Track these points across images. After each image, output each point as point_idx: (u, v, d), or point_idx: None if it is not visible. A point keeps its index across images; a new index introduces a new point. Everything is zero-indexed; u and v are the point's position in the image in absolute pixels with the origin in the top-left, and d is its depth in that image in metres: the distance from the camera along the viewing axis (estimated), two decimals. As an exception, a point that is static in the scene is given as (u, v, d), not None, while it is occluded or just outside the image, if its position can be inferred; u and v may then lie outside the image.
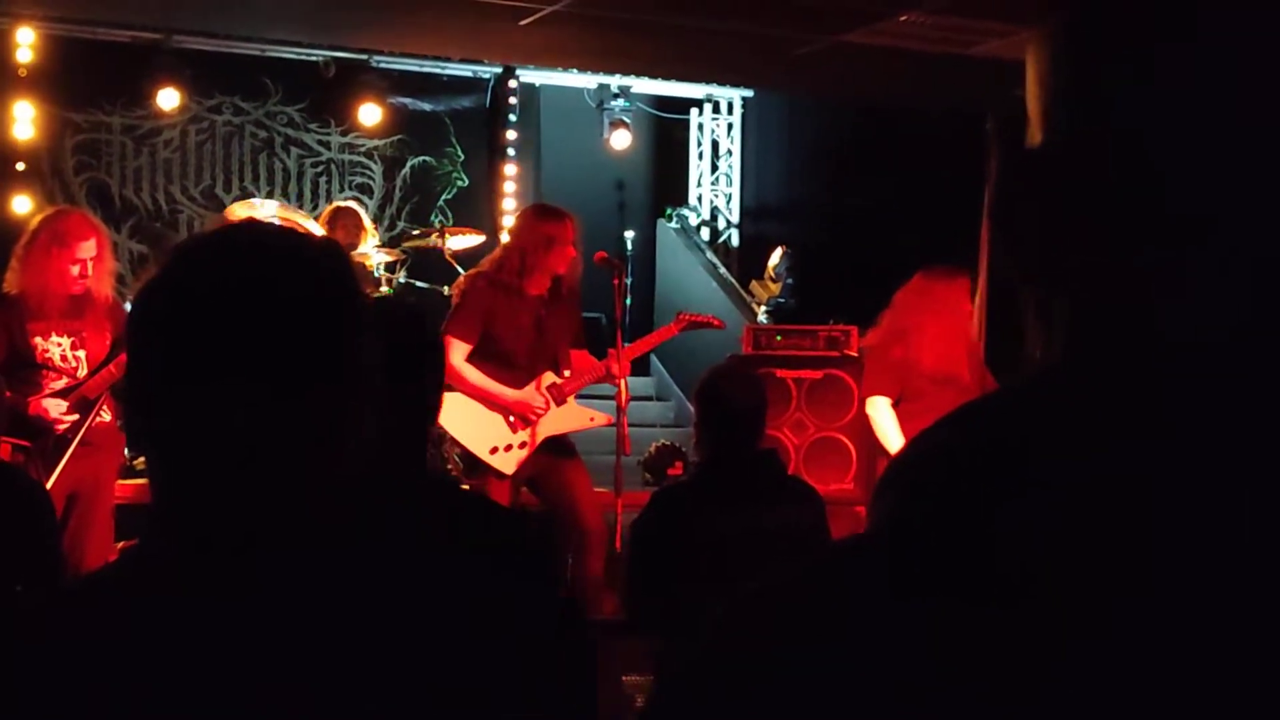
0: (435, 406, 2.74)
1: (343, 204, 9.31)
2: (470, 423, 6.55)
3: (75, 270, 6.10)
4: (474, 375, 6.54)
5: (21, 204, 9.65)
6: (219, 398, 1.33)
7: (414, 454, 2.65)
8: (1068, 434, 0.74)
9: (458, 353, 6.44)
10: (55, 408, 6.05)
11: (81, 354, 6.18)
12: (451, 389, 6.73)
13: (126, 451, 7.32)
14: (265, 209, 8.39)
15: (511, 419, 6.65)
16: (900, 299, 6.74)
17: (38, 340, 6.11)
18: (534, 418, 6.65)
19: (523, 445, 6.65)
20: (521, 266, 6.53)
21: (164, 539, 1.36)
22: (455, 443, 6.77)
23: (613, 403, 6.92)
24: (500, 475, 6.58)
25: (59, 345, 6.14)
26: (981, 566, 0.72)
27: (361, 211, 9.05)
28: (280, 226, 1.48)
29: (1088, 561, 0.70)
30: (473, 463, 6.62)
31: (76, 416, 6.08)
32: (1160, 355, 0.75)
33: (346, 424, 1.39)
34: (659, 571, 4.32)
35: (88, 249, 6.12)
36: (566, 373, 6.77)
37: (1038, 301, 0.82)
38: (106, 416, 6.19)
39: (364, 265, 8.37)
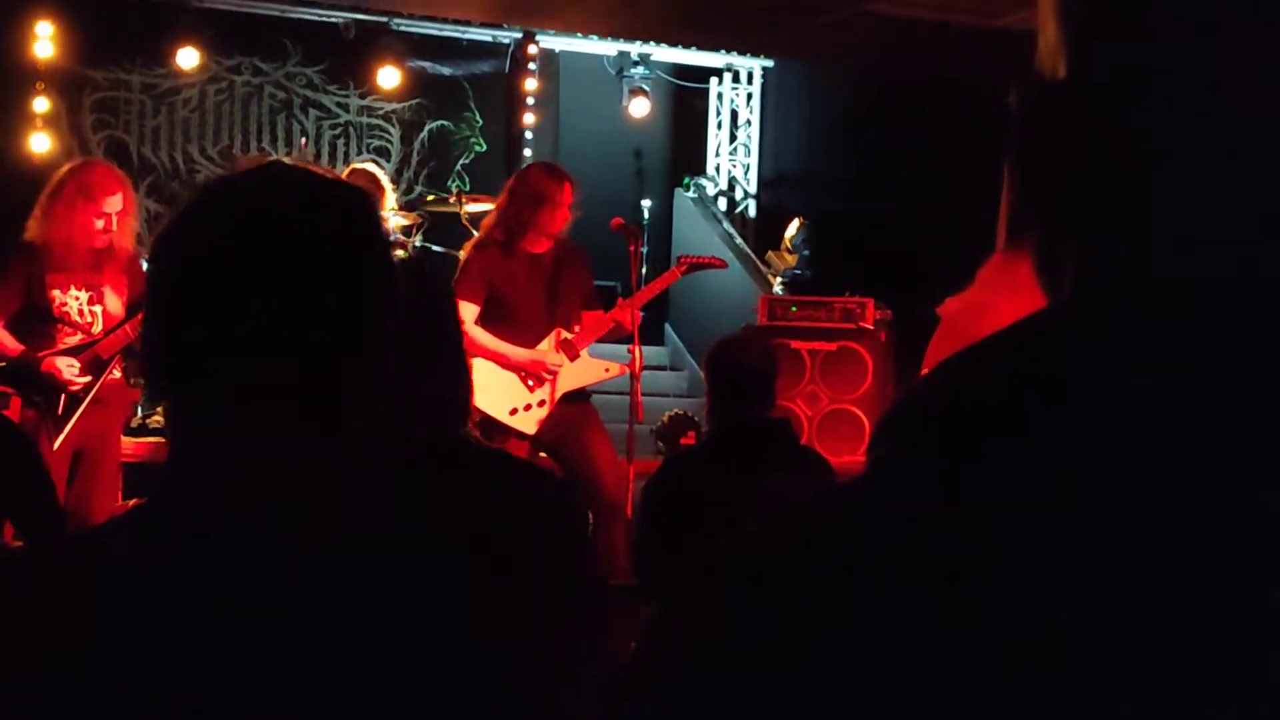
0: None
1: (359, 165, 9.28)
2: (486, 386, 6.52)
3: (100, 224, 6.07)
4: (484, 338, 6.52)
5: (39, 161, 9.64)
6: (242, 342, 1.31)
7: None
8: (1073, 375, 0.73)
9: (466, 315, 6.44)
10: (68, 367, 6.02)
11: (98, 309, 6.16)
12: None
13: (139, 409, 7.34)
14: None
15: (528, 379, 6.63)
16: (981, 274, 6.64)
17: (55, 293, 6.09)
18: (548, 375, 6.63)
19: (541, 404, 6.63)
20: (513, 224, 6.49)
21: (179, 489, 1.34)
22: (474, 407, 6.74)
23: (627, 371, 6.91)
24: (522, 436, 6.56)
25: (77, 299, 6.13)
26: (980, 501, 0.71)
27: (379, 173, 9.01)
28: (302, 167, 1.46)
29: (1103, 496, 0.69)
30: (491, 426, 6.58)
31: (89, 378, 6.06)
32: (1167, 298, 0.74)
33: (372, 370, 1.38)
34: (668, 536, 4.32)
35: (114, 203, 6.10)
36: (577, 328, 6.74)
37: (1046, 246, 0.81)
38: (116, 374, 6.18)
39: (380, 227, 8.35)
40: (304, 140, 10.74)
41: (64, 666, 1.22)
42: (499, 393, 6.56)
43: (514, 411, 6.60)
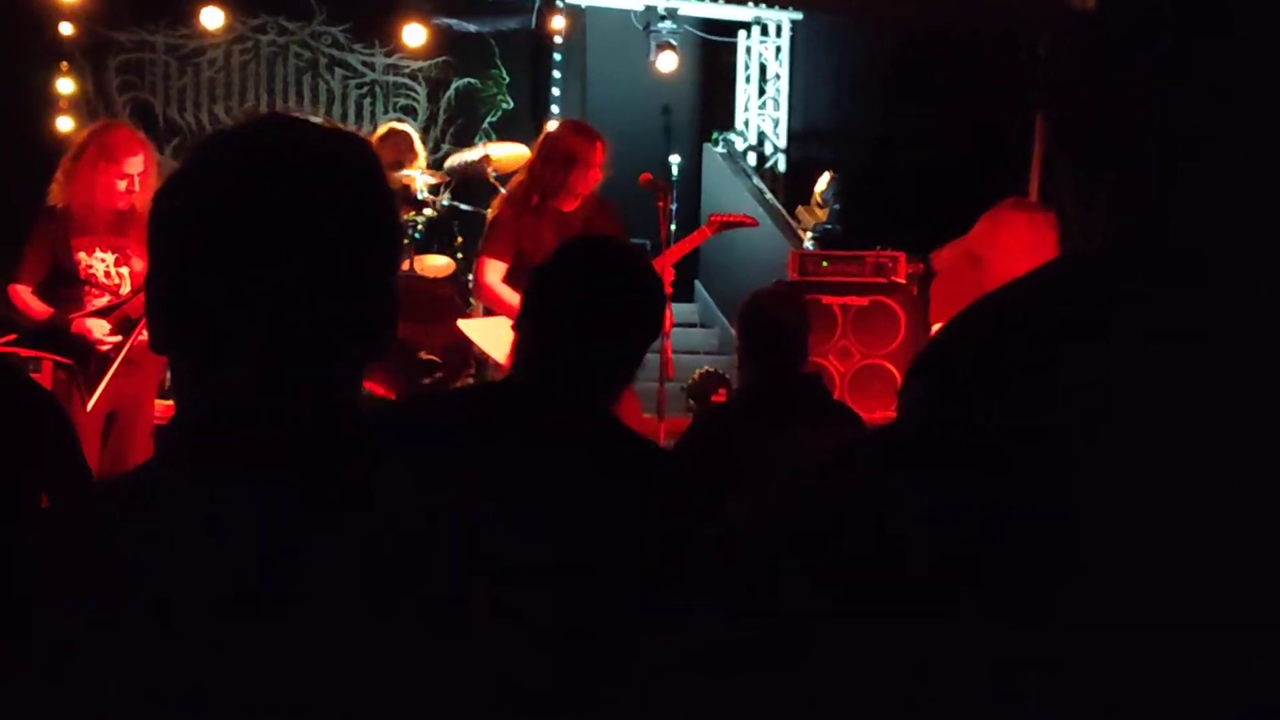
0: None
1: (394, 125, 9.26)
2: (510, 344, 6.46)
3: (122, 185, 6.08)
4: (510, 296, 6.49)
5: (64, 123, 9.67)
6: (245, 288, 1.29)
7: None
8: (1114, 317, 0.73)
9: (493, 273, 6.43)
10: (98, 328, 6.05)
11: (125, 271, 6.18)
12: (490, 312, 6.71)
13: (168, 371, 7.36)
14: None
15: None
16: (979, 224, 6.58)
17: (81, 256, 6.10)
18: None
19: (566, 363, 6.59)
20: (544, 185, 6.44)
21: (191, 447, 1.32)
22: (499, 365, 6.73)
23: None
24: None
25: (103, 261, 6.14)
26: (1017, 436, 0.71)
27: (413, 134, 8.99)
28: (307, 121, 1.43)
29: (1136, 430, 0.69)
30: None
31: (119, 338, 6.08)
32: (1186, 258, 0.74)
33: (374, 321, 1.36)
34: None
35: (135, 165, 6.11)
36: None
37: (1080, 181, 0.80)
38: (146, 335, 6.17)
39: (409, 187, 8.32)
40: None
41: (77, 631, 1.19)
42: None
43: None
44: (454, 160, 8.81)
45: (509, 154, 8.37)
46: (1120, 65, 0.77)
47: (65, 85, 9.92)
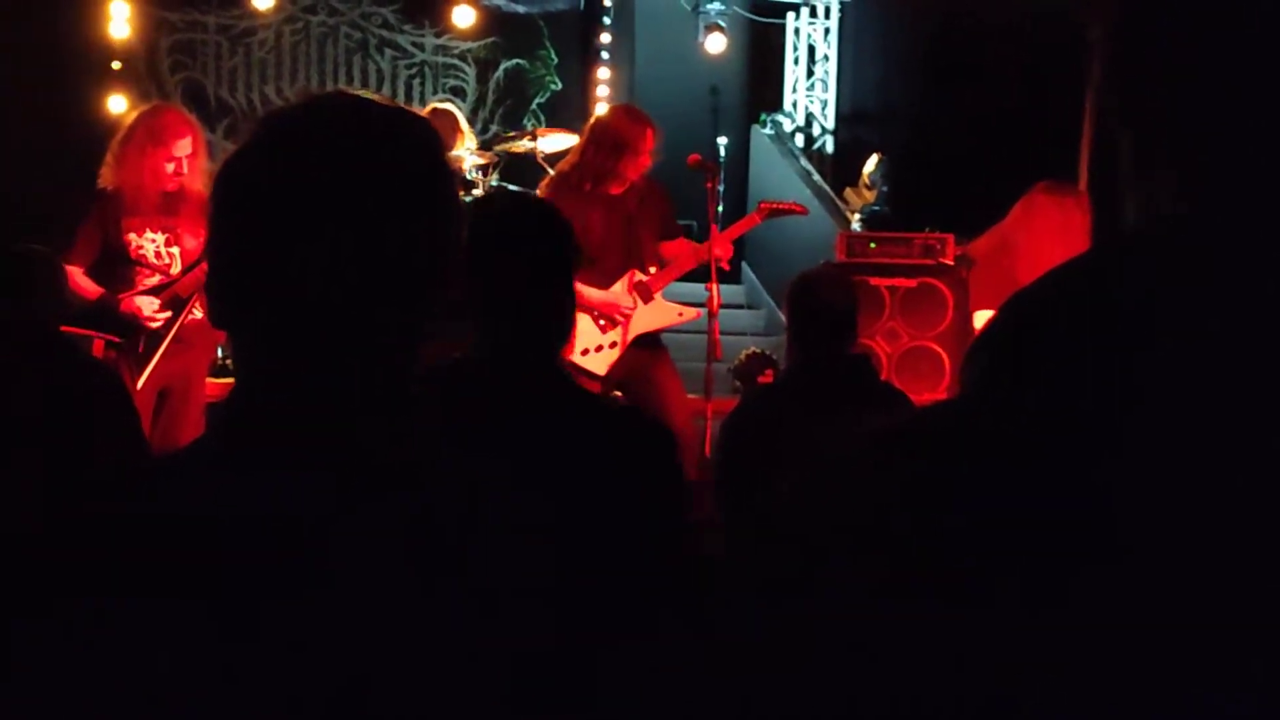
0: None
1: (439, 105, 9.26)
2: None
3: (170, 168, 6.12)
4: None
5: (117, 103, 9.72)
6: (295, 266, 1.29)
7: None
8: (1183, 295, 0.72)
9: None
10: (148, 306, 6.09)
11: (175, 250, 6.21)
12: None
13: (222, 350, 7.41)
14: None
15: (600, 320, 6.61)
16: (1014, 210, 6.56)
17: (131, 236, 6.14)
18: (622, 317, 6.61)
19: (613, 345, 6.62)
20: (594, 171, 6.41)
21: (248, 410, 1.32)
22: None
23: (704, 308, 6.86)
24: (593, 377, 6.54)
25: (153, 242, 6.18)
26: (1073, 423, 0.70)
27: (458, 114, 9.00)
28: (366, 99, 1.44)
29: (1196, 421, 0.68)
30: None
31: (169, 314, 6.12)
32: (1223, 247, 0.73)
33: (431, 297, 1.36)
34: (747, 473, 4.29)
35: (184, 147, 6.14)
36: (653, 269, 6.70)
37: (1138, 149, 0.79)
38: (199, 313, 6.21)
39: (459, 168, 8.33)
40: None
41: (119, 610, 1.20)
42: (571, 333, 6.51)
43: (585, 352, 6.58)
44: (502, 148, 8.84)
45: (558, 147, 8.38)
46: (1134, 61, 0.77)
47: (117, 65, 9.97)
